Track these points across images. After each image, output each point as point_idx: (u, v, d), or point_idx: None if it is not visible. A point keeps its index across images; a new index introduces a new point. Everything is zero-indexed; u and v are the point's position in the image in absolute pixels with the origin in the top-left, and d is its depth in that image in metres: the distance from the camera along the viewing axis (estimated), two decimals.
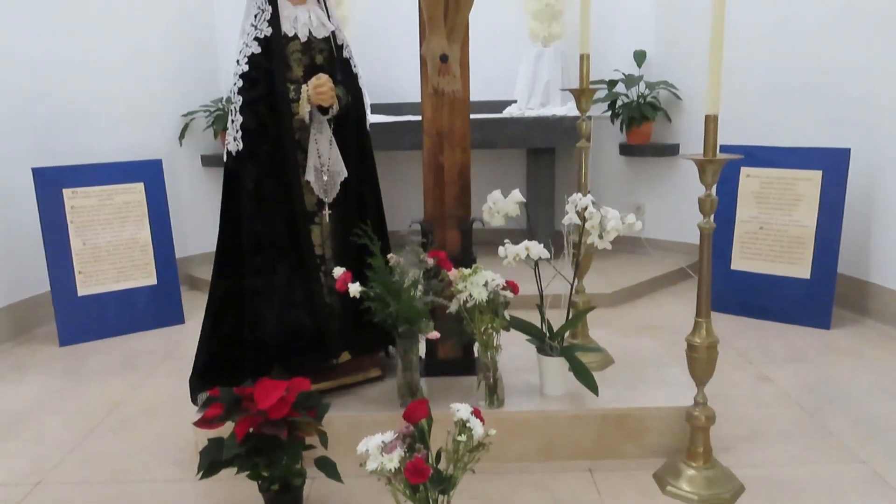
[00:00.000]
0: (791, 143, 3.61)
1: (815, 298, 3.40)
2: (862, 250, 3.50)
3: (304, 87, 2.21)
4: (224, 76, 4.44)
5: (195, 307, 3.60)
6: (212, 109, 4.34)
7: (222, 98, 4.37)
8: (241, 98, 2.19)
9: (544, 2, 4.23)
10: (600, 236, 2.28)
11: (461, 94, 2.33)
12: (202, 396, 2.27)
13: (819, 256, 3.40)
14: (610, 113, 4.38)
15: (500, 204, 2.41)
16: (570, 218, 2.28)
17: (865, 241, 3.48)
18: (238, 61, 2.22)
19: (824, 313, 3.37)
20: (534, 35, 4.34)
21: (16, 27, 3.50)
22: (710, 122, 1.95)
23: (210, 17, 4.46)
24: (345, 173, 2.33)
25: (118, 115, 4.00)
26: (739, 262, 3.63)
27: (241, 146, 2.22)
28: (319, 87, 2.19)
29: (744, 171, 3.61)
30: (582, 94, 2.50)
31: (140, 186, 3.67)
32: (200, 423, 1.88)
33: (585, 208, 2.26)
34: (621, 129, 4.46)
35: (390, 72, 4.61)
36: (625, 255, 4.50)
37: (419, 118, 2.42)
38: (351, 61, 2.39)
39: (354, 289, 2.12)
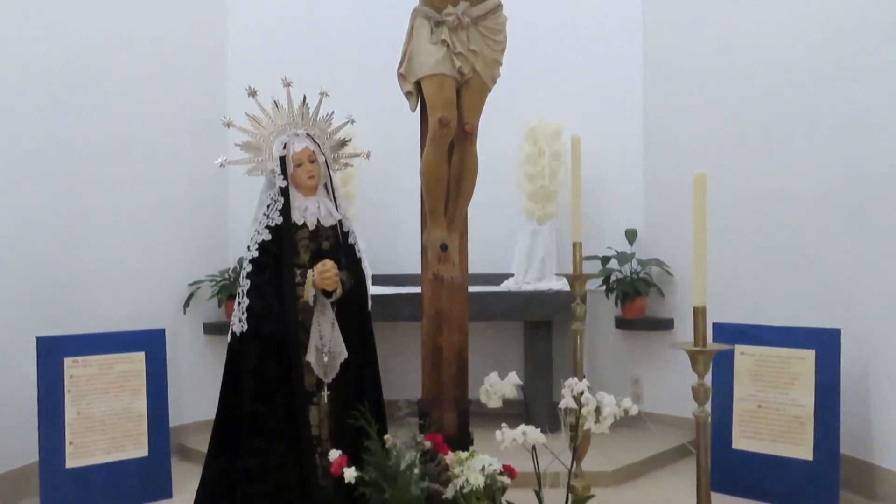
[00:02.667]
0: (783, 321, 3.68)
1: (819, 481, 3.32)
2: (864, 431, 3.46)
3: (309, 272, 2.33)
4: (233, 248, 4.60)
5: (184, 480, 3.50)
6: (218, 279, 4.47)
7: (229, 269, 4.51)
8: (249, 282, 2.30)
9: (539, 183, 4.49)
10: (597, 421, 2.29)
11: (459, 279, 2.44)
12: None
13: (820, 437, 3.36)
14: (605, 288, 4.51)
15: (497, 386, 2.44)
16: (567, 402, 2.31)
17: (866, 422, 3.46)
18: (249, 247, 2.35)
19: (831, 498, 3.28)
20: (529, 214, 4.57)
21: (26, 199, 3.67)
22: (699, 314, 2.03)
23: (223, 189, 4.67)
24: (345, 354, 2.39)
25: (125, 283, 4.10)
26: (740, 442, 3.58)
27: (245, 327, 2.29)
28: (325, 273, 2.31)
29: (738, 348, 3.66)
30: (576, 280, 2.62)
31: (141, 356, 3.70)
32: None
33: (581, 393, 2.29)
34: (616, 304, 4.56)
35: (392, 244, 4.80)
36: (625, 430, 4.41)
37: (419, 289, 2.52)
38: (356, 247, 2.53)
39: (350, 474, 2.10)
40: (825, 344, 3.42)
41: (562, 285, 4.38)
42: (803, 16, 3.77)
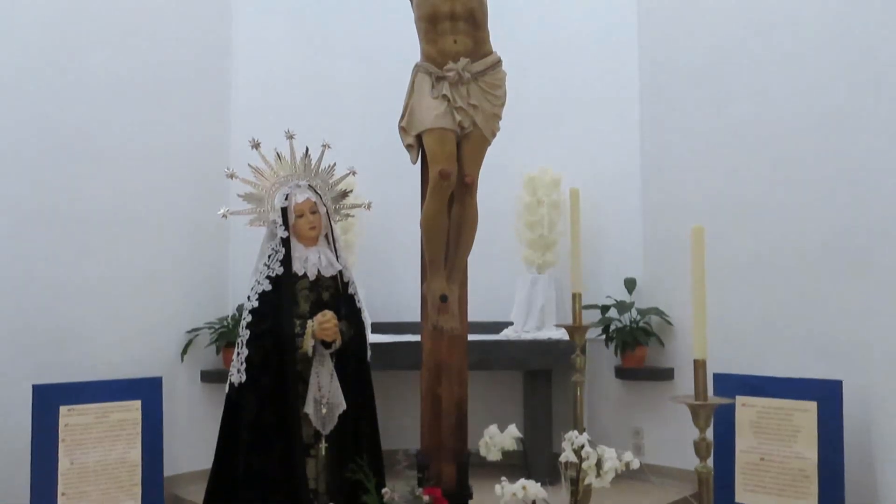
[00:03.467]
0: (784, 370, 3.67)
1: None
2: (869, 483, 3.41)
3: (309, 322, 2.33)
4: (232, 296, 4.60)
5: None
6: (216, 326, 4.45)
7: (228, 316, 4.50)
8: (248, 332, 2.30)
9: (538, 233, 4.52)
10: (598, 475, 2.26)
11: (459, 331, 2.44)
12: None
13: (825, 491, 3.31)
14: (604, 337, 4.49)
15: (496, 439, 2.42)
16: (567, 456, 2.28)
17: (870, 476, 3.41)
18: (249, 297, 2.35)
19: None
20: (528, 262, 4.59)
21: (25, 245, 3.69)
22: (699, 367, 2.02)
23: (224, 237, 4.68)
24: (343, 406, 2.38)
25: (123, 330, 4.08)
26: (744, 495, 3.53)
27: (244, 378, 2.28)
28: (324, 323, 2.31)
29: (739, 399, 3.63)
30: (576, 331, 2.61)
31: (137, 404, 3.67)
32: None
33: (582, 447, 2.27)
34: (616, 353, 4.54)
35: (392, 292, 4.80)
36: (627, 483, 4.34)
37: (419, 337, 2.52)
38: (356, 297, 2.54)
39: None
40: (827, 395, 3.40)
41: (561, 334, 4.37)
42: (799, 71, 3.85)
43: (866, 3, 3.57)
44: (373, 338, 2.60)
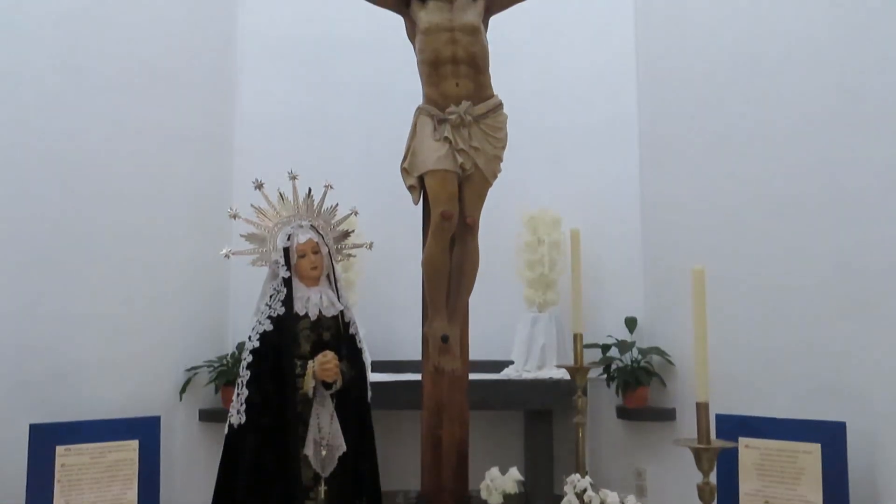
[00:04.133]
0: (787, 410, 3.63)
1: None
2: None
3: (310, 363, 2.32)
4: (232, 334, 4.59)
5: None
6: (216, 364, 4.43)
7: (228, 354, 4.48)
8: (248, 373, 2.29)
9: (538, 272, 4.53)
10: None
11: (460, 371, 2.43)
12: None
13: None
14: (605, 376, 4.47)
15: (498, 481, 2.39)
16: (570, 500, 2.26)
17: None
18: (250, 337, 2.35)
19: None
20: (529, 301, 4.59)
21: (21, 282, 3.69)
22: (702, 410, 2.01)
23: (224, 274, 4.69)
24: (343, 448, 2.36)
25: (121, 368, 4.04)
26: None
27: (243, 419, 2.27)
28: (325, 364, 2.30)
29: (742, 441, 3.59)
30: (577, 373, 2.61)
31: (134, 444, 3.63)
32: None
33: (584, 490, 2.24)
34: (617, 393, 4.51)
35: (393, 330, 4.77)
36: None
37: (419, 377, 2.51)
38: (357, 337, 2.54)
39: None
40: (831, 438, 3.37)
41: (562, 374, 4.34)
42: (796, 111, 3.88)
43: (865, 46, 3.62)
44: (373, 377, 2.60)
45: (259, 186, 2.65)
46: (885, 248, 3.44)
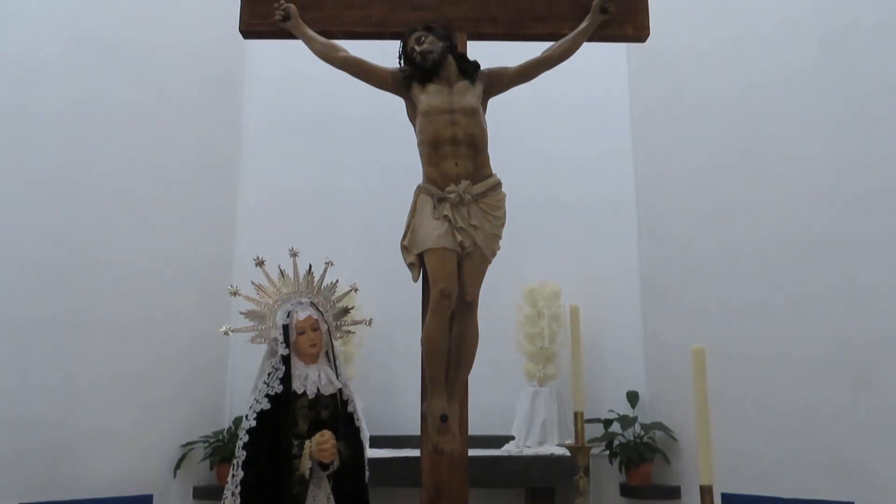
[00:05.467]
0: (792, 488, 3.56)
1: None
2: None
3: (307, 443, 2.29)
4: (228, 409, 4.54)
5: None
6: (211, 440, 4.36)
7: (224, 430, 4.41)
8: (244, 453, 2.26)
9: (538, 345, 4.51)
10: None
11: (459, 452, 2.39)
12: None
13: None
14: (608, 452, 4.39)
15: None
16: None
17: None
18: (247, 416, 2.33)
19: None
20: (529, 375, 4.55)
21: (20, 357, 3.68)
22: (706, 494, 1.97)
23: (223, 350, 4.67)
24: None
25: (117, 444, 3.99)
26: None
27: (238, 502, 2.21)
28: (322, 444, 2.27)
29: None
30: (578, 451, 2.55)
31: None
32: None
33: None
34: (620, 470, 4.42)
35: (391, 404, 4.72)
36: None
37: (418, 452, 2.46)
38: (355, 415, 2.51)
39: None
40: None
41: (564, 450, 4.26)
42: (792, 188, 3.96)
43: (858, 121, 3.70)
44: (371, 452, 2.55)
45: (260, 264, 2.67)
46: (885, 323, 3.44)
